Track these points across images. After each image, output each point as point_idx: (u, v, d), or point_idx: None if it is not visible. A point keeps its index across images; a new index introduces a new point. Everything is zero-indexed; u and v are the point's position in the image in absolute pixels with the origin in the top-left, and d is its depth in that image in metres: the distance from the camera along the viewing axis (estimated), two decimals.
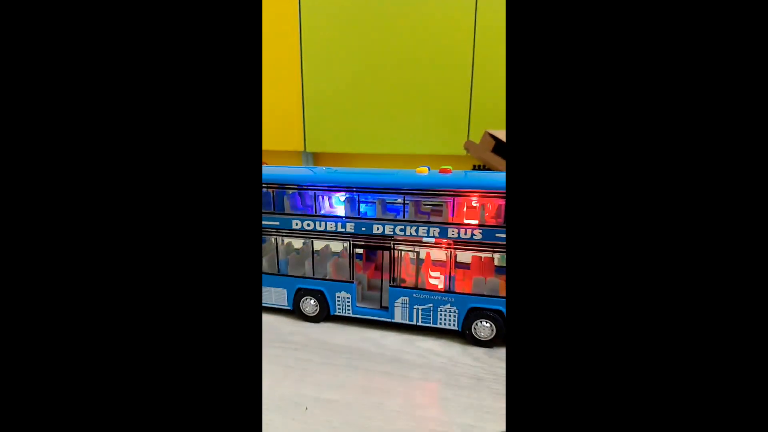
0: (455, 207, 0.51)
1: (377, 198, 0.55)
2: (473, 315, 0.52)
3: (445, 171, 0.52)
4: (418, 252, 0.54)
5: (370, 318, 0.57)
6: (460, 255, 0.52)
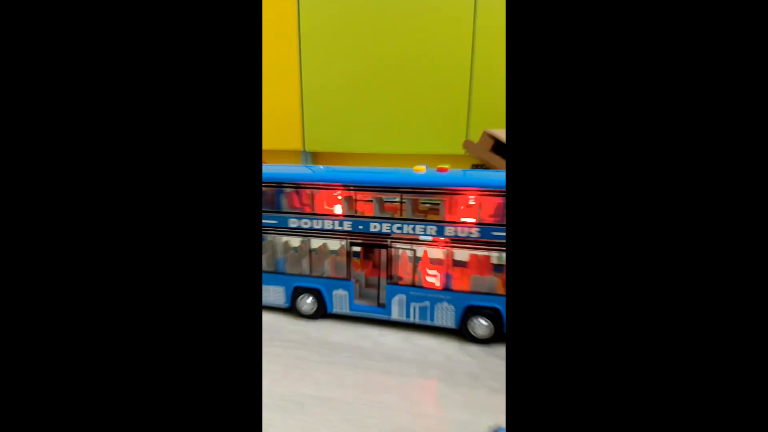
0: (452, 205, 0.52)
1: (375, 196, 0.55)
2: (470, 313, 0.53)
3: (443, 170, 0.53)
4: (416, 250, 0.54)
5: (368, 316, 0.58)
6: (458, 253, 0.53)
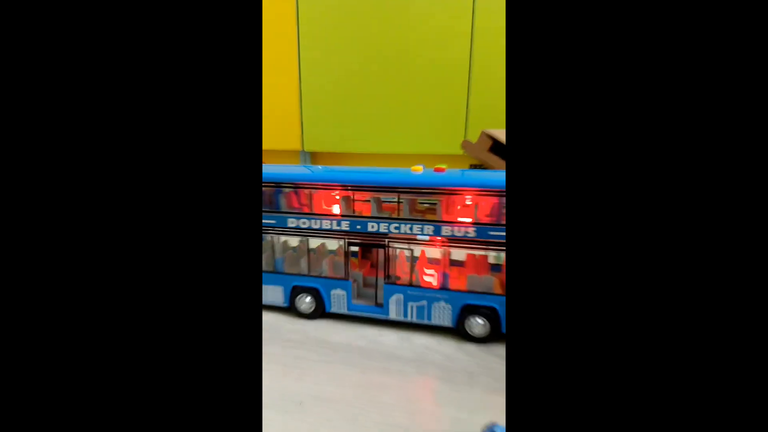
0: (449, 205, 0.52)
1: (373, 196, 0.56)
2: (467, 312, 0.53)
3: (440, 170, 0.53)
4: (413, 250, 0.54)
5: (366, 315, 0.58)
6: (455, 253, 0.53)
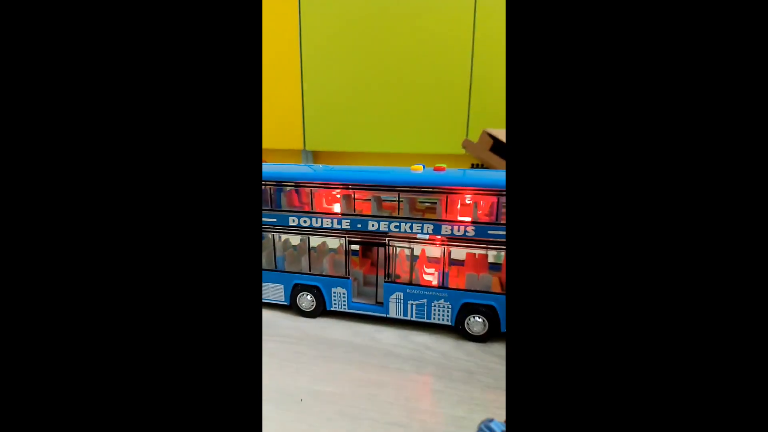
0: (449, 204, 0.52)
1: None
2: (466, 310, 0.53)
3: (440, 169, 0.53)
4: (413, 248, 0.55)
5: (366, 313, 0.58)
6: (454, 251, 0.53)
